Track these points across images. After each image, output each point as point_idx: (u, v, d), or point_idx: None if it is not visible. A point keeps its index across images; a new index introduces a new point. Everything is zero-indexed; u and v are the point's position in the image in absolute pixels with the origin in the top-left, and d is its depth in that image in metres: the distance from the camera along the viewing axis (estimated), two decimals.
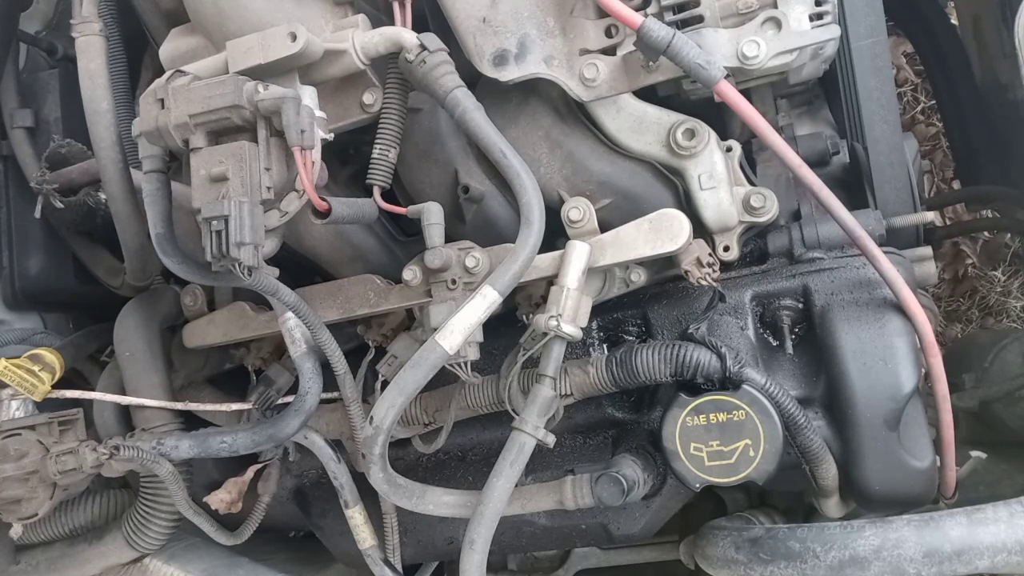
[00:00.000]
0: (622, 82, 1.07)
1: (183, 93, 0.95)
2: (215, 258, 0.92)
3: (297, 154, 0.93)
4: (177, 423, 1.29)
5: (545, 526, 1.25)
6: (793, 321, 1.14)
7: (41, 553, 1.38)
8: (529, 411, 1.04)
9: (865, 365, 1.06)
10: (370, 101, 1.07)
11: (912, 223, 1.25)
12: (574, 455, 1.24)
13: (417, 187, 1.20)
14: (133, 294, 1.37)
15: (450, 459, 1.32)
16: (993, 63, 1.53)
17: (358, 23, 1.04)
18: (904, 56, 2.67)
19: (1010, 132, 1.49)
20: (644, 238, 1.05)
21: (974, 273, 2.63)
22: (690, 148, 1.09)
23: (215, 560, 1.40)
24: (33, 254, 1.57)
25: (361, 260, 1.24)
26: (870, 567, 1.02)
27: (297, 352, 1.14)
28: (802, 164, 1.02)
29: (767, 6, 1.02)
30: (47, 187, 1.42)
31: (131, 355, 1.28)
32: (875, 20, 1.27)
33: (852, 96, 1.27)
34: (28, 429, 1.23)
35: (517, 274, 0.97)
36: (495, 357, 1.19)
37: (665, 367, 1.05)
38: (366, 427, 0.99)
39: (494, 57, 1.07)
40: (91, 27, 1.16)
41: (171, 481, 1.23)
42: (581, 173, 1.15)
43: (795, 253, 1.15)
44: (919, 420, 1.08)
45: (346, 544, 1.31)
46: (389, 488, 1.06)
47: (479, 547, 1.01)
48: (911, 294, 1.03)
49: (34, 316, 1.64)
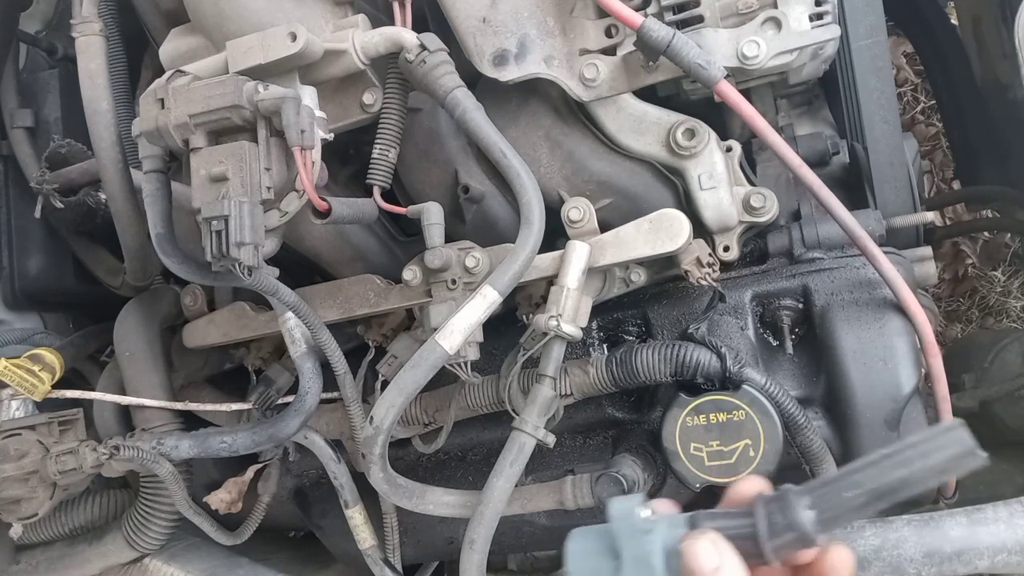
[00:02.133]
0: (622, 82, 1.07)
1: (183, 93, 0.95)
2: (215, 258, 0.92)
3: (297, 154, 0.93)
4: (177, 423, 1.29)
5: (545, 526, 1.25)
6: (793, 321, 1.14)
7: (41, 553, 1.38)
8: (529, 411, 1.04)
9: (865, 365, 1.06)
10: (370, 101, 1.07)
11: (912, 223, 1.25)
12: (574, 455, 1.24)
13: (417, 187, 1.20)
14: (133, 294, 1.37)
15: (450, 459, 1.32)
16: (993, 63, 1.53)
17: (358, 23, 1.04)
18: (904, 56, 2.67)
19: (1010, 132, 1.49)
20: (644, 238, 1.05)
21: (974, 273, 2.63)
22: (690, 148, 1.09)
23: (215, 560, 1.40)
24: (33, 254, 1.57)
25: (361, 260, 1.24)
26: (870, 567, 1.02)
27: (297, 352, 1.14)
28: (802, 164, 1.02)
29: (767, 6, 1.02)
30: (47, 187, 1.42)
31: (131, 355, 1.28)
32: (875, 20, 1.27)
33: (852, 96, 1.27)
34: (28, 429, 1.23)
35: (517, 274, 0.97)
36: (495, 357, 1.19)
37: (665, 367, 1.06)
38: (366, 427, 0.99)
39: (494, 57, 1.07)
40: (91, 27, 1.16)
41: (171, 481, 1.23)
42: (581, 173, 1.15)
43: (795, 253, 1.15)
44: (919, 420, 1.08)
45: (346, 544, 1.31)
46: (389, 488, 1.06)
47: (479, 547, 1.02)
48: (911, 294, 1.03)
49: (34, 316, 1.64)
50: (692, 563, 0.57)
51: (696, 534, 0.59)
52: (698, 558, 0.57)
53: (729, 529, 0.59)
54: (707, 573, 0.56)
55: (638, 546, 0.61)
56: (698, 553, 0.58)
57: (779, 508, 0.57)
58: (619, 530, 0.61)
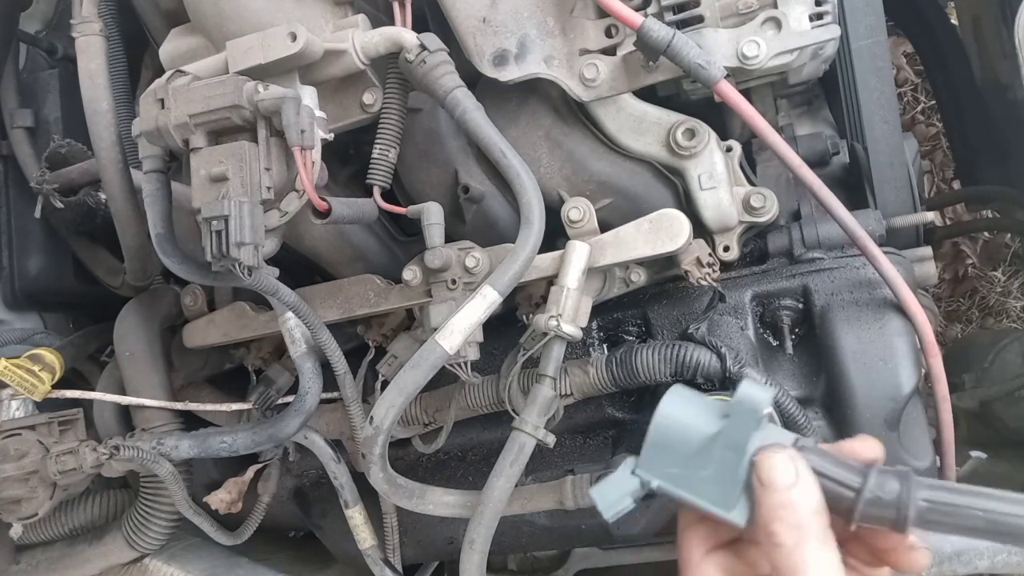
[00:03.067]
0: (622, 82, 1.07)
1: (183, 93, 0.95)
2: (215, 258, 0.92)
3: (297, 154, 0.93)
4: (177, 423, 1.29)
5: (545, 526, 1.25)
6: (793, 321, 1.14)
7: (41, 553, 1.38)
8: (529, 411, 1.04)
9: (865, 365, 1.06)
10: (370, 101, 1.07)
11: (912, 223, 1.25)
12: (574, 455, 1.24)
13: (417, 187, 1.20)
14: (133, 294, 1.37)
15: (450, 459, 1.32)
16: (993, 63, 1.53)
17: (358, 23, 1.04)
18: (904, 56, 2.67)
19: (1010, 132, 1.49)
20: (644, 238, 1.05)
21: (974, 273, 2.63)
22: (690, 148, 1.09)
23: (215, 560, 1.40)
24: (33, 254, 1.57)
25: (361, 260, 1.24)
26: None
27: (297, 352, 1.14)
28: (802, 164, 1.02)
29: (767, 6, 1.02)
30: (47, 187, 1.42)
31: (131, 355, 1.28)
32: (875, 20, 1.27)
33: (852, 96, 1.27)
34: (28, 429, 1.23)
35: (517, 274, 0.97)
36: (495, 357, 1.19)
37: (665, 367, 1.05)
38: (366, 427, 0.99)
39: (494, 57, 1.07)
40: (91, 27, 1.15)
41: (171, 481, 1.23)
42: (581, 173, 1.15)
43: (795, 253, 1.15)
44: (919, 420, 1.08)
45: (346, 544, 1.31)
46: (389, 488, 1.06)
47: (479, 547, 1.01)
48: (911, 294, 1.03)
49: (34, 316, 1.64)
50: (766, 474, 0.56)
51: (775, 448, 0.58)
52: (774, 471, 0.56)
53: (830, 472, 0.58)
54: (781, 488, 0.56)
55: (740, 432, 0.60)
56: (775, 466, 0.57)
57: (895, 482, 0.57)
58: (734, 409, 0.60)
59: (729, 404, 0.61)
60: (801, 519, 0.55)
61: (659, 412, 0.63)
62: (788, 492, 0.56)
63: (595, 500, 0.64)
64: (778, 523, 0.55)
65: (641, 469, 0.63)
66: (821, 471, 0.58)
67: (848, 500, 0.57)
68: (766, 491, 0.57)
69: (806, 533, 0.55)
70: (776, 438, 0.60)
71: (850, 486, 0.57)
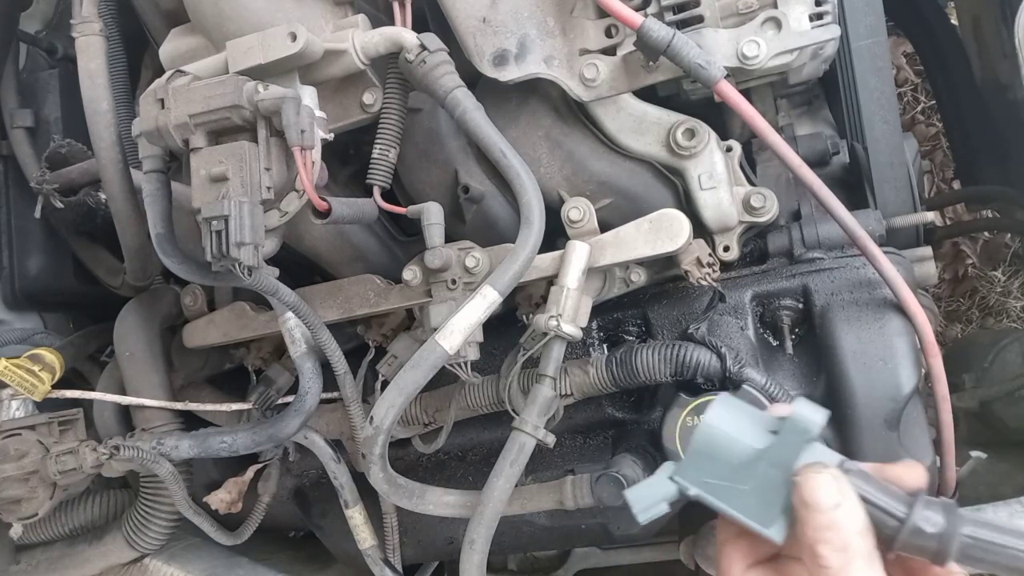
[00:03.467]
0: (622, 82, 1.07)
1: (183, 93, 0.95)
2: (215, 258, 0.92)
3: (297, 154, 0.93)
4: (177, 423, 1.29)
5: (545, 526, 1.25)
6: (793, 321, 1.14)
7: (41, 553, 1.38)
8: (529, 411, 1.04)
9: (865, 365, 1.06)
10: (370, 101, 1.07)
11: (912, 223, 1.25)
12: (574, 455, 1.24)
13: (417, 187, 1.20)
14: (133, 294, 1.37)
15: (450, 459, 1.32)
16: (993, 63, 1.53)
17: (358, 23, 1.04)
18: (904, 56, 2.67)
19: (1010, 132, 1.49)
20: (644, 238, 1.05)
21: (974, 273, 2.63)
22: (690, 148, 1.09)
23: (215, 560, 1.40)
24: (33, 254, 1.57)
25: (361, 260, 1.24)
26: None
27: (297, 352, 1.14)
28: (802, 164, 1.01)
29: (767, 6, 1.02)
30: (47, 187, 1.42)
31: (131, 355, 1.28)
32: (875, 20, 1.27)
33: (852, 96, 1.27)
34: (28, 429, 1.23)
35: (517, 274, 0.97)
36: (495, 357, 1.19)
37: (665, 367, 1.05)
38: (366, 427, 0.99)
39: (494, 57, 1.07)
40: (91, 27, 1.15)
41: (171, 481, 1.23)
42: (581, 173, 1.15)
43: (795, 253, 1.15)
44: (919, 420, 1.07)
45: (346, 544, 1.31)
46: (389, 488, 1.06)
47: (479, 547, 1.01)
48: (911, 294, 1.03)
49: (34, 316, 1.64)
50: (809, 495, 0.55)
51: (818, 467, 0.57)
52: (817, 492, 0.55)
53: (874, 498, 0.57)
54: (825, 508, 0.54)
55: (789, 450, 0.59)
56: (820, 486, 0.55)
57: (940, 515, 0.56)
58: (785, 427, 0.60)
59: (780, 421, 0.60)
60: (847, 540, 0.54)
61: (705, 421, 0.63)
62: (832, 513, 0.55)
63: (629, 502, 0.64)
64: (823, 545, 0.54)
65: (680, 476, 0.63)
66: (866, 496, 0.57)
67: (891, 529, 0.56)
68: (810, 511, 0.56)
69: (853, 555, 0.54)
70: (821, 458, 0.59)
71: (895, 515, 0.57)
